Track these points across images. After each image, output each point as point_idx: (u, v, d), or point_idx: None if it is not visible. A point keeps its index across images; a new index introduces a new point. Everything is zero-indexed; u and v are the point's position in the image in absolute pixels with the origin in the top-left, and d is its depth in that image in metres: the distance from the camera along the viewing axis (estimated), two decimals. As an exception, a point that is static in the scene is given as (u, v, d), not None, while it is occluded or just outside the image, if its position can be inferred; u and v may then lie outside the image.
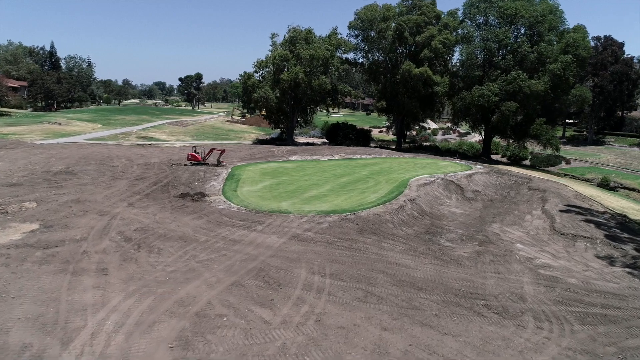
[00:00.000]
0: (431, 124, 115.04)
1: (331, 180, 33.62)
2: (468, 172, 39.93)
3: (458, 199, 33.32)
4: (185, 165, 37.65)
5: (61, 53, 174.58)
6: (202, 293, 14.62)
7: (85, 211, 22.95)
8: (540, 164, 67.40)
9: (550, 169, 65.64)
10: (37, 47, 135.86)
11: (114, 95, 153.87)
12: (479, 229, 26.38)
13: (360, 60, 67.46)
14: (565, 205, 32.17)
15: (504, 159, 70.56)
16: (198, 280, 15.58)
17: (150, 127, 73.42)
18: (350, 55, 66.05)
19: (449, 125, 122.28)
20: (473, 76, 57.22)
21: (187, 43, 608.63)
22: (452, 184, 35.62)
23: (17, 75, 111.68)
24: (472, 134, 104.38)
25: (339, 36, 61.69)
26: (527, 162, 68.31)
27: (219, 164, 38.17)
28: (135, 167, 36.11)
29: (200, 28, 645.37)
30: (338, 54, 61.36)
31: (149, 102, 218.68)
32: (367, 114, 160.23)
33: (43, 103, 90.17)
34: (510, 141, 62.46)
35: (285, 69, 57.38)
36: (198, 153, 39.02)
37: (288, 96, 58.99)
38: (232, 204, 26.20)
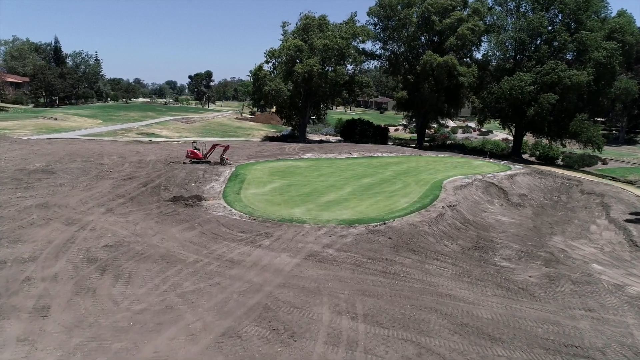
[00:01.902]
0: (449, 122, 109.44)
1: (352, 182, 28.70)
2: (508, 172, 34.66)
3: (502, 205, 28.17)
4: (184, 163, 33.02)
5: (70, 50, 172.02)
6: (177, 350, 9.83)
7: (49, 219, 18.34)
8: (574, 164, 61.69)
9: (586, 169, 60.04)
10: (44, 43, 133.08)
11: (122, 92, 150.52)
12: (538, 243, 21.28)
13: (377, 52, 62.38)
14: (632, 213, 26.86)
15: (533, 159, 65.03)
16: (175, 327, 10.80)
17: (154, 123, 69.11)
18: (368, 46, 61.03)
19: (467, 123, 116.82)
20: (503, 68, 51.77)
21: (198, 42, 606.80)
22: (493, 186, 30.45)
23: (23, 71, 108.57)
24: (495, 133, 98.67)
25: (357, 24, 56.51)
26: (559, 162, 62.77)
27: (222, 162, 33.47)
28: (126, 165, 31.58)
29: (211, 27, 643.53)
30: (354, 44, 56.21)
31: (160, 100, 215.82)
32: (381, 112, 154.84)
33: (45, 99, 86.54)
34: (546, 139, 56.80)
35: (298, 61, 52.51)
36: (199, 150, 34.36)
37: (301, 89, 54.11)
38: (233, 210, 21.42)
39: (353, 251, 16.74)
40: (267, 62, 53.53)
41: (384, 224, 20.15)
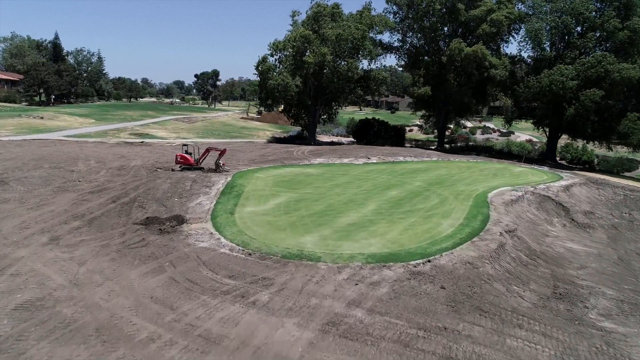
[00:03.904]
0: (467, 123, 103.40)
1: (375, 195, 23.12)
2: (562, 183, 28.87)
3: (565, 225, 22.42)
4: (173, 170, 27.71)
5: (73, 49, 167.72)
6: None
7: (-42, 257, 13.01)
8: (612, 168, 55.50)
9: (626, 174, 53.88)
10: (46, 40, 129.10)
11: (125, 91, 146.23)
12: (638, 286, 15.58)
13: (395, 44, 56.63)
14: None
15: (563, 162, 58.95)
16: None
17: (152, 123, 64.02)
18: (385, 38, 55.34)
19: (485, 123, 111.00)
20: (542, 58, 45.77)
21: (206, 42, 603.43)
22: (549, 201, 24.70)
23: (23, 69, 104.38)
24: (517, 134, 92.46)
25: (373, 12, 50.83)
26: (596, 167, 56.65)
27: (217, 168, 28.09)
28: (102, 172, 26.33)
29: (220, 27, 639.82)
30: (371, 35, 50.48)
31: (166, 100, 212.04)
32: (392, 112, 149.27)
33: (40, 97, 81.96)
34: (585, 142, 50.76)
35: (308, 52, 46.92)
36: (190, 154, 29.00)
37: (311, 84, 48.55)
38: (222, 239, 15.94)
39: (393, 313, 11.17)
40: (271, 55, 47.97)
41: (429, 261, 14.56)
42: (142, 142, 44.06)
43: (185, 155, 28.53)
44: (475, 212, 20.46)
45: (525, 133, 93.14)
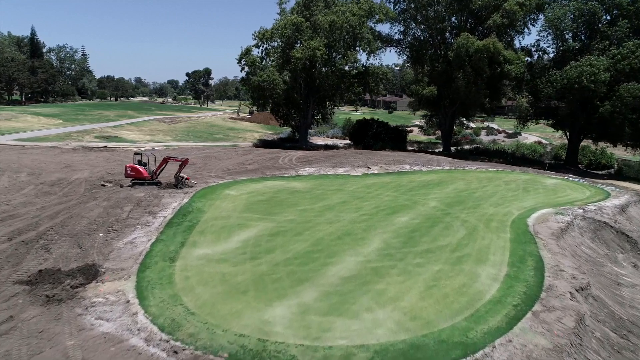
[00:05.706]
0: (470, 124, 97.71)
1: (379, 223, 17.24)
2: (613, 201, 23.02)
3: (636, 265, 16.64)
4: (121, 185, 21.88)
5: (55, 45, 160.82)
6: None
7: None
8: (638, 174, 49.85)
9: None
10: (27, 37, 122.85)
11: (111, 90, 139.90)
12: None
13: (396, 37, 50.84)
14: None
15: (579, 166, 53.28)
16: None
17: (128, 123, 58.08)
18: (385, 29, 49.38)
19: (488, 124, 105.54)
20: (566, 50, 40.09)
21: (201, 40, 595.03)
22: (607, 228, 18.89)
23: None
24: (523, 134, 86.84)
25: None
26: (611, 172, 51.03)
27: (177, 183, 22.16)
28: (28, 189, 20.45)
29: (214, 26, 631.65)
30: (370, 24, 44.67)
31: (159, 99, 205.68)
32: (390, 112, 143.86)
33: (12, 95, 75.65)
34: (606, 144, 45.25)
35: (298, 44, 41.05)
36: (145, 165, 23.07)
37: (301, 82, 42.68)
38: (141, 314, 10.00)
39: None
40: (257, 46, 41.98)
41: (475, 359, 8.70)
42: (105, 146, 38.08)
43: (137, 166, 22.55)
44: (520, 252, 14.63)
45: (533, 134, 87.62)
